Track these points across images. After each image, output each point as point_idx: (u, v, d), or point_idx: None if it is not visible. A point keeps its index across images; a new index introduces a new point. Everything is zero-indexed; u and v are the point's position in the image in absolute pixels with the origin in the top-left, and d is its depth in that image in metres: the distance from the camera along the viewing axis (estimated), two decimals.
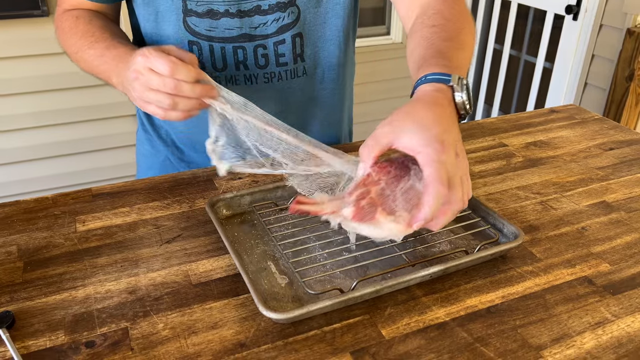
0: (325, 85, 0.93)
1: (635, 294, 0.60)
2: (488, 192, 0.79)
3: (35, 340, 0.53)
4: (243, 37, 0.82)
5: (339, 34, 0.89)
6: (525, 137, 0.97)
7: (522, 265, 0.64)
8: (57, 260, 0.64)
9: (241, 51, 0.83)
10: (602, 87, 2.11)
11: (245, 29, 0.81)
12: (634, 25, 1.97)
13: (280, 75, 0.87)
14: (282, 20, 0.82)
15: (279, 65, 0.86)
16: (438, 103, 0.58)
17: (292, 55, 0.86)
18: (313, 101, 0.93)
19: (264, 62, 0.85)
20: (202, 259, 0.64)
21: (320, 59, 0.89)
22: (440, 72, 0.61)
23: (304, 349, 0.52)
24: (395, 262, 0.64)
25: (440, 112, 0.57)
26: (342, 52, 0.91)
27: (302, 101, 0.92)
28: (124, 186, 0.80)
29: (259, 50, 0.84)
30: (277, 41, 0.84)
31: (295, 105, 0.91)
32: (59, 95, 2.06)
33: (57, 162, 2.19)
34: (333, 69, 0.92)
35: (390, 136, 0.56)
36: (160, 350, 0.52)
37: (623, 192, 0.80)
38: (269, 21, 0.82)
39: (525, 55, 2.71)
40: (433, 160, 0.52)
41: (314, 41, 0.86)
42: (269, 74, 0.86)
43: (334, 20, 0.87)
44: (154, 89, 0.63)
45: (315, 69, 0.89)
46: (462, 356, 0.52)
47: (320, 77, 0.91)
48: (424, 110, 0.57)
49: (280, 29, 0.83)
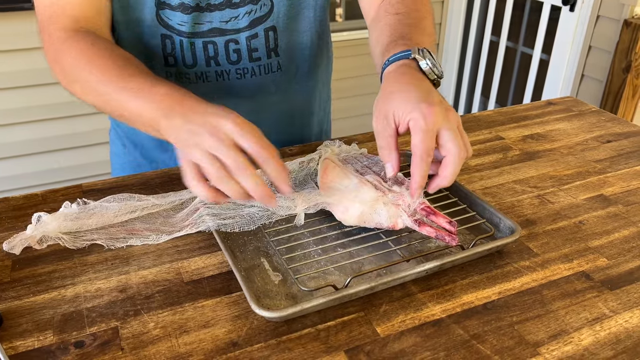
0: (299, 80, 0.90)
1: (633, 289, 0.59)
2: (485, 186, 0.78)
3: (23, 340, 0.52)
4: (213, 32, 0.79)
5: (312, 27, 0.86)
6: (522, 130, 0.96)
7: (519, 261, 0.63)
8: (46, 258, 0.63)
9: (212, 46, 0.80)
10: (599, 79, 2.10)
11: (215, 23, 0.78)
12: (631, 17, 1.95)
13: (254, 71, 0.83)
14: (254, 13, 0.79)
15: (252, 61, 0.83)
16: (407, 73, 0.62)
17: (266, 49, 0.82)
18: (286, 97, 0.90)
19: (236, 58, 0.82)
20: (194, 257, 0.63)
21: (294, 53, 0.86)
22: (401, 50, 0.65)
23: (297, 348, 0.51)
24: (390, 257, 0.63)
25: (413, 80, 0.61)
26: (316, 45, 0.89)
27: (276, 97, 0.88)
28: (115, 182, 0.78)
29: (231, 45, 0.80)
30: (250, 35, 0.80)
31: (269, 102, 0.88)
32: (48, 89, 2.03)
33: (46, 157, 2.17)
34: (307, 63, 0.89)
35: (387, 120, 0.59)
36: (151, 350, 0.51)
37: (621, 186, 0.79)
38: (240, 14, 0.78)
39: (522, 47, 2.69)
40: (421, 125, 0.56)
41: (287, 35, 0.83)
42: (241, 70, 0.83)
43: (307, 12, 0.84)
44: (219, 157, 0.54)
45: (289, 63, 0.86)
46: (458, 354, 0.51)
47: (293, 72, 0.88)
48: (397, 84, 0.61)
49: (252, 23, 0.80)
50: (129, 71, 0.66)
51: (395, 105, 0.59)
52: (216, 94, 0.83)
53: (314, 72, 0.93)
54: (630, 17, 1.95)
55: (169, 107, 0.59)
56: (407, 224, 0.62)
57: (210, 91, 0.82)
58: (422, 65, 0.63)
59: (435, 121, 0.56)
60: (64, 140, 2.16)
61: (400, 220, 0.62)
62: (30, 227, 0.64)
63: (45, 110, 2.07)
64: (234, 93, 0.84)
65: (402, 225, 0.62)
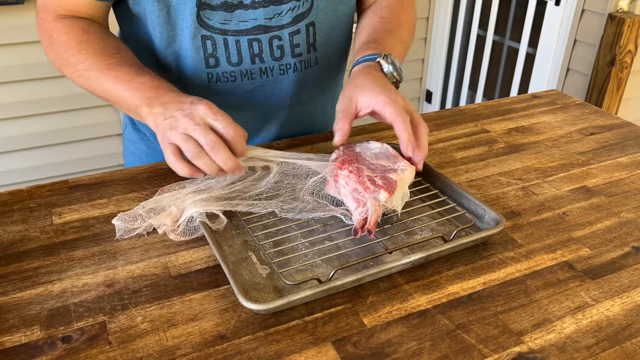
0: (331, 72, 0.93)
1: (615, 278, 0.60)
2: (470, 179, 0.79)
3: (9, 336, 0.52)
4: (258, 29, 0.80)
5: (347, 21, 0.89)
6: (508, 123, 0.97)
7: (504, 251, 0.64)
8: (33, 254, 0.63)
9: (256, 43, 0.81)
10: (584, 72, 2.12)
11: (259, 20, 0.79)
12: (615, 10, 1.98)
13: (296, 66, 0.85)
14: (297, 9, 0.80)
15: (294, 56, 0.84)
16: (371, 72, 0.73)
17: (306, 45, 0.84)
18: (321, 90, 0.93)
19: (279, 54, 0.83)
20: (181, 251, 0.63)
21: (329, 47, 0.88)
22: (370, 53, 0.77)
23: (285, 340, 0.52)
24: (375, 248, 0.63)
25: (377, 77, 0.72)
26: (346, 38, 0.91)
27: (313, 91, 0.91)
28: (101, 177, 0.78)
29: (274, 41, 0.82)
30: (293, 31, 0.82)
31: (307, 96, 0.90)
32: (34, 85, 2.01)
33: (32, 153, 2.14)
34: (340, 56, 0.92)
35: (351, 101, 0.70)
36: (139, 344, 0.51)
37: (603, 177, 0.80)
38: (284, 11, 0.80)
39: (508, 41, 2.71)
40: (389, 101, 0.67)
41: (324, 29, 0.85)
42: (284, 66, 0.84)
43: (342, 6, 0.86)
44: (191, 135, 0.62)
45: (325, 57, 0.88)
46: (444, 343, 0.52)
47: (327, 65, 0.90)
48: (363, 79, 0.72)
49: (295, 19, 0.81)
50: (118, 59, 0.73)
51: (359, 92, 0.70)
52: (260, 91, 0.85)
53: (343, 65, 0.96)
54: (614, 11, 1.97)
55: (152, 97, 0.68)
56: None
57: (255, 88, 0.84)
58: (385, 69, 0.75)
59: (398, 101, 0.68)
60: (51, 136, 2.14)
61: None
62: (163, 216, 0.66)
63: (30, 106, 2.05)
64: (277, 89, 0.86)
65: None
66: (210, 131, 0.63)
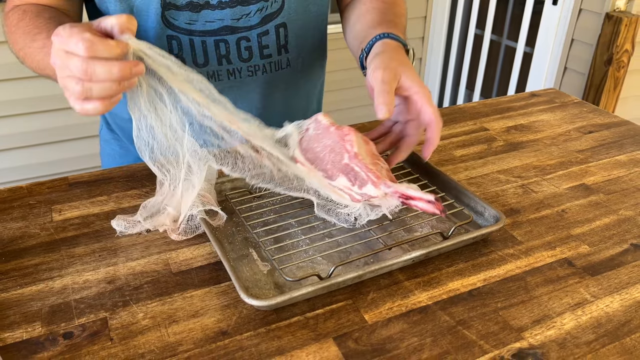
0: (305, 75, 0.91)
1: (614, 274, 0.61)
2: (469, 176, 0.79)
3: (11, 332, 0.52)
4: (224, 30, 0.79)
5: (320, 22, 0.87)
6: (506, 121, 0.98)
7: (503, 248, 0.64)
8: (33, 250, 0.63)
9: (223, 44, 0.80)
10: (582, 72, 2.13)
11: (226, 21, 0.78)
12: (612, 10, 1.98)
13: (265, 68, 0.84)
14: (265, 10, 0.79)
15: (263, 58, 0.83)
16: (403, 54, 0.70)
17: (276, 46, 0.83)
18: (295, 92, 0.91)
19: (247, 55, 0.82)
20: (182, 247, 0.63)
21: (302, 48, 0.87)
22: (400, 36, 0.73)
23: (286, 336, 0.52)
24: (374, 245, 0.63)
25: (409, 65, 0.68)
26: (319, 40, 0.90)
27: (285, 93, 0.89)
28: (101, 174, 0.78)
29: (242, 42, 0.81)
30: (261, 32, 0.81)
31: (278, 98, 0.89)
32: (33, 83, 2.00)
33: (32, 151, 2.14)
34: (312, 58, 0.90)
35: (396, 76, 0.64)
36: (141, 340, 0.51)
37: (602, 175, 0.80)
38: (252, 12, 0.79)
39: (506, 40, 2.72)
40: (431, 102, 0.65)
41: (296, 31, 0.84)
42: (253, 67, 0.83)
43: (314, 7, 0.85)
44: (70, 75, 0.53)
45: (298, 59, 0.87)
46: (445, 339, 0.52)
47: (301, 67, 0.89)
48: (404, 57, 0.69)
49: (263, 20, 0.80)
50: (45, 29, 0.68)
51: (404, 72, 0.65)
52: (228, 92, 0.83)
53: (318, 66, 0.94)
54: (611, 10, 1.98)
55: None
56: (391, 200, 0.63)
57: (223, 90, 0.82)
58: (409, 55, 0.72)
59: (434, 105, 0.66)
60: (50, 134, 2.13)
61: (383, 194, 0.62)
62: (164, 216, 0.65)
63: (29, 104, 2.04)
64: (245, 91, 0.85)
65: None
66: (77, 56, 0.52)
